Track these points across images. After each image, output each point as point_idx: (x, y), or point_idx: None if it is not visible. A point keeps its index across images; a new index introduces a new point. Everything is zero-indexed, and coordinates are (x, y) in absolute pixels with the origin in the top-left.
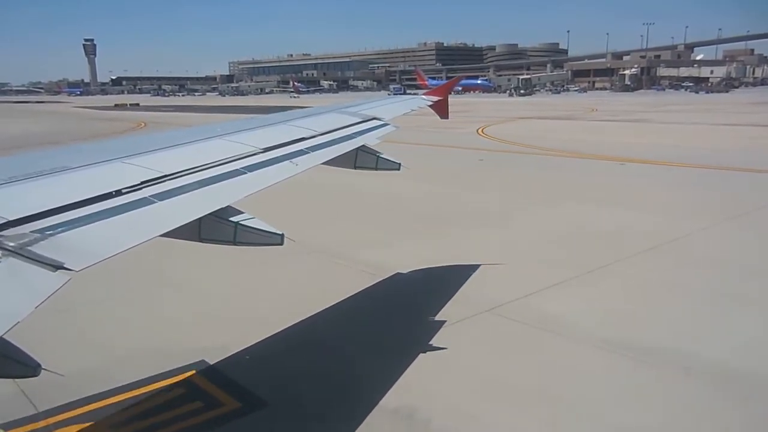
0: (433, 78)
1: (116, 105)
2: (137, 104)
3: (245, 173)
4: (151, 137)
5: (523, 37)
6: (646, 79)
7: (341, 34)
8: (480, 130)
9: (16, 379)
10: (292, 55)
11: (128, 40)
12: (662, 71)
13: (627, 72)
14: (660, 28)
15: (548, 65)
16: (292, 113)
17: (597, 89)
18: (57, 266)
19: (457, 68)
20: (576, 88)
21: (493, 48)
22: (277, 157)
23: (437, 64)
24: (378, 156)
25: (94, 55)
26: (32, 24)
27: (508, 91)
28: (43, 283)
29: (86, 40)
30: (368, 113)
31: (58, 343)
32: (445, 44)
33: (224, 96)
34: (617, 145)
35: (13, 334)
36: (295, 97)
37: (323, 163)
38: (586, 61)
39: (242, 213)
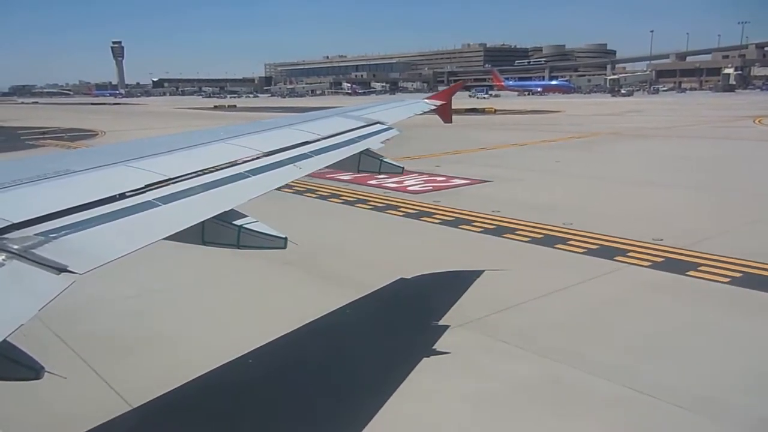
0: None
1: (215, 106)
2: (234, 106)
3: (249, 177)
4: (155, 140)
5: (565, 38)
6: (740, 79)
7: (375, 35)
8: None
9: None
10: (328, 57)
11: (148, 42)
12: (756, 71)
13: (731, 72)
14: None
15: (607, 66)
16: (295, 117)
17: (684, 90)
18: (61, 269)
19: (506, 69)
20: (665, 89)
21: (539, 49)
22: (280, 161)
23: (486, 66)
24: (381, 160)
25: (122, 57)
26: (47, 26)
27: (610, 93)
28: (46, 286)
29: (114, 42)
30: (371, 117)
31: None
32: (488, 45)
33: (284, 97)
34: None
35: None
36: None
37: (326, 167)
38: (671, 60)
39: (245, 216)
